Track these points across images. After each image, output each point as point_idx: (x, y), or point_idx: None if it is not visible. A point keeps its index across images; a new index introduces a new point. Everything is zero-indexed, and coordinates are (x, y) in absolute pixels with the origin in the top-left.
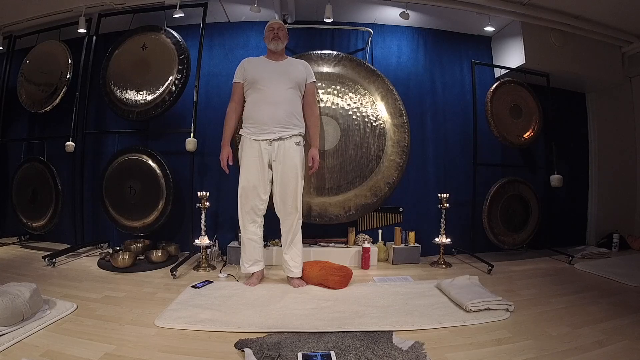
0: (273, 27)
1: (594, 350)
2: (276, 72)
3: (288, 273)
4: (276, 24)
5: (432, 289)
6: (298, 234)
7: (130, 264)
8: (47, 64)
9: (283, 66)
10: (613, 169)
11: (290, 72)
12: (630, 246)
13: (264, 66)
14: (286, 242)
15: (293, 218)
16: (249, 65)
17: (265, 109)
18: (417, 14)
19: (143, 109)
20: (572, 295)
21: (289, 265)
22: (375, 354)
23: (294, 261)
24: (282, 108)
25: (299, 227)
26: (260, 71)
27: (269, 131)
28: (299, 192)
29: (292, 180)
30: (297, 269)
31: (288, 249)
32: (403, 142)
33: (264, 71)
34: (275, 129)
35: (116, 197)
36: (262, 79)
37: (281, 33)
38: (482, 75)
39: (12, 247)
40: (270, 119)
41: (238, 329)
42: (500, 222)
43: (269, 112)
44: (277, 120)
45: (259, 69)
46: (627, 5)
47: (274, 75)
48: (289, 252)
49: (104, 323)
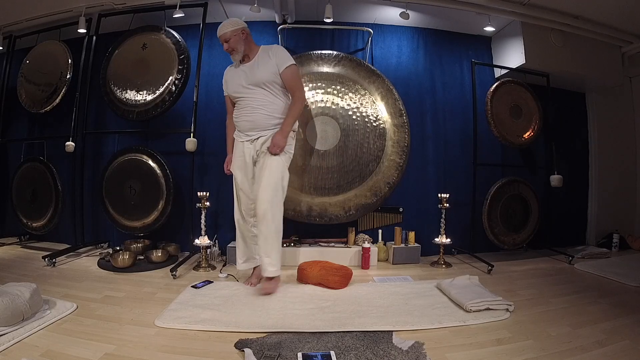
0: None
1: (594, 350)
2: (245, 78)
3: (263, 272)
4: (222, 35)
5: (432, 289)
6: (272, 225)
7: (130, 264)
8: (47, 64)
9: (251, 69)
10: (613, 169)
11: (256, 74)
12: (630, 246)
13: (237, 75)
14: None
15: (263, 206)
16: (227, 77)
17: (243, 119)
18: (417, 14)
19: (143, 109)
20: (572, 295)
21: (264, 262)
22: (375, 354)
23: (268, 257)
24: (259, 113)
25: (272, 218)
26: (234, 82)
27: (252, 136)
28: (273, 175)
29: (271, 163)
30: (272, 266)
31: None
32: (403, 142)
33: (236, 81)
34: (257, 132)
35: (116, 197)
36: (236, 91)
37: (232, 43)
38: (482, 75)
39: (12, 247)
40: (250, 128)
41: (238, 329)
42: (500, 222)
43: (248, 121)
44: (257, 126)
45: (233, 79)
46: (627, 5)
47: (244, 83)
48: (261, 247)
49: (104, 323)
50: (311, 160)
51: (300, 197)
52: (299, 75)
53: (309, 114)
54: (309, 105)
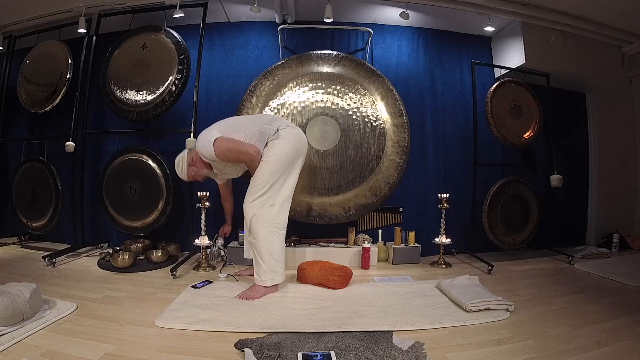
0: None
1: (594, 350)
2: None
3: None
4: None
5: (432, 289)
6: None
7: (130, 264)
8: (47, 64)
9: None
10: (613, 169)
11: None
12: (630, 246)
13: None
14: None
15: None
16: None
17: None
18: (417, 14)
19: (143, 109)
20: (572, 295)
21: (254, 267)
22: (375, 354)
23: (256, 266)
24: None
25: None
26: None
27: None
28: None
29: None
30: (257, 275)
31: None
32: (403, 142)
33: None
34: None
35: (116, 197)
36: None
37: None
38: (482, 75)
39: (12, 247)
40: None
41: (238, 329)
42: (500, 222)
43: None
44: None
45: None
46: (627, 5)
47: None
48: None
49: (104, 323)
50: (311, 161)
51: (300, 197)
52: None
53: (309, 114)
54: (308, 105)
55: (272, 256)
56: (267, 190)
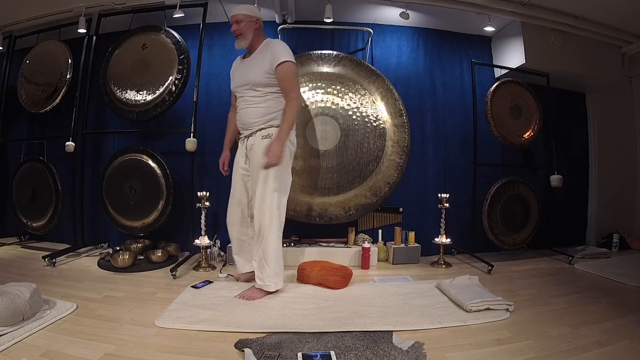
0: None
1: (594, 350)
2: (243, 73)
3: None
4: (235, 16)
5: (432, 289)
6: (269, 248)
7: (130, 264)
8: (47, 64)
9: (249, 65)
10: (613, 169)
11: (250, 72)
12: (630, 246)
13: (238, 71)
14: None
15: (259, 228)
16: (232, 71)
17: (240, 116)
18: (417, 14)
19: (143, 109)
20: (572, 295)
21: (255, 270)
22: (375, 354)
23: (259, 271)
24: (251, 113)
25: (270, 242)
26: (235, 77)
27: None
28: (265, 200)
29: (257, 182)
30: (260, 280)
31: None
32: (403, 142)
33: (236, 76)
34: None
35: (116, 197)
36: (235, 86)
37: (242, 27)
38: (482, 75)
39: (12, 247)
40: (242, 126)
41: (238, 329)
42: (500, 222)
43: (242, 119)
44: (248, 125)
45: (235, 73)
46: (627, 5)
47: (242, 78)
48: (257, 261)
49: (104, 323)
50: (311, 161)
51: (300, 197)
52: (294, 73)
53: (309, 114)
54: (308, 105)
55: (276, 260)
56: (285, 192)
